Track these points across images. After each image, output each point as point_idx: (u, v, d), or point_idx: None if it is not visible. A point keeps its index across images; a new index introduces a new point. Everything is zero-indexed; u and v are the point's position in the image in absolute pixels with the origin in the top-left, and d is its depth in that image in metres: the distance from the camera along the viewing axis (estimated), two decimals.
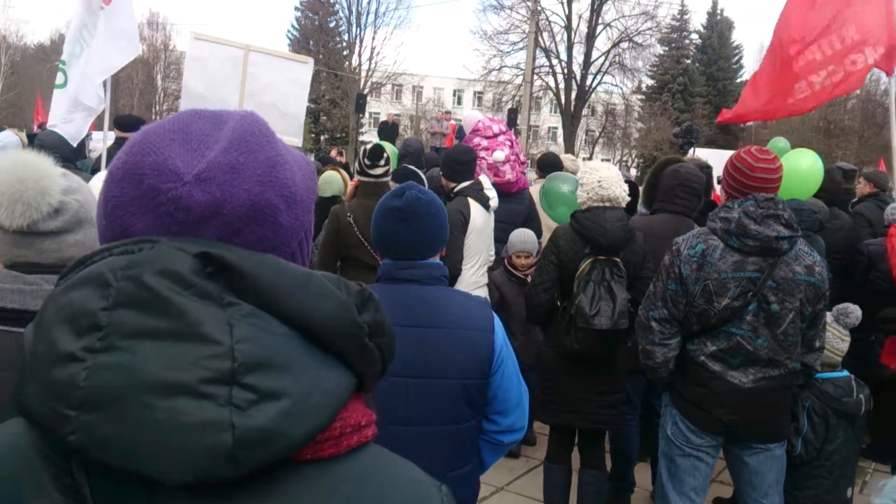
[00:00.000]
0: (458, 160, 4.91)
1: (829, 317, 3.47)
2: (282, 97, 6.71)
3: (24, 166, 1.59)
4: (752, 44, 71.78)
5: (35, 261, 1.62)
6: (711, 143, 32.37)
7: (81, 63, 6.12)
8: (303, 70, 6.93)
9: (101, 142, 6.98)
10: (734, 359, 3.00)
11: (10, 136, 5.69)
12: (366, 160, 4.47)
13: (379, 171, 4.45)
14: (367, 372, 0.78)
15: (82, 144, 7.67)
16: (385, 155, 4.54)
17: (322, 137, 39.94)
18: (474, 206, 4.66)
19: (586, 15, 40.67)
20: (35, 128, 12.08)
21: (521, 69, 35.61)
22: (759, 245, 2.91)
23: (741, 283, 2.94)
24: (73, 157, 5.69)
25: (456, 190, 4.74)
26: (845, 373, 3.58)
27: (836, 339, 3.56)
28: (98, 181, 4.74)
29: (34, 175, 1.59)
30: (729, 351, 3.00)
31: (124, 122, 7.02)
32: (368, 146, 4.63)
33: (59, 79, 6.35)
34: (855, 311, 3.65)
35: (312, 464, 0.71)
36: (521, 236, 5.08)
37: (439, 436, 2.14)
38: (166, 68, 47.42)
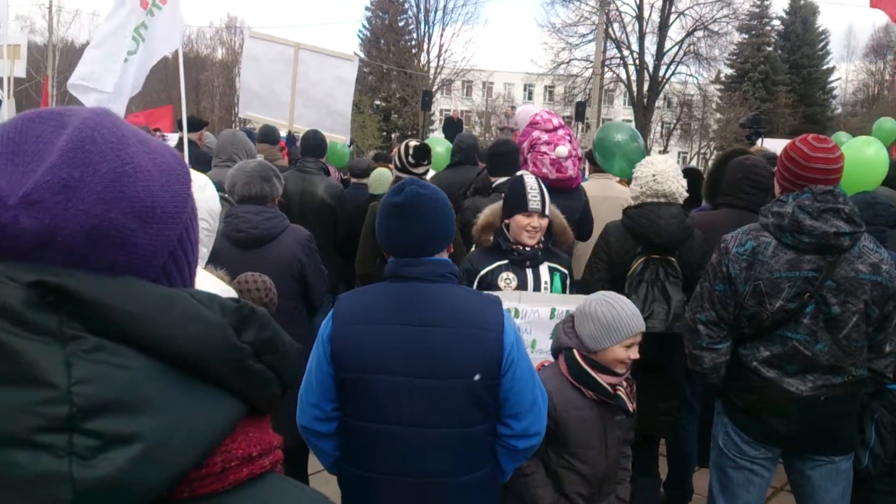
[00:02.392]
0: (497, 153, 4.77)
1: None
2: (329, 94, 6.75)
3: None
4: (839, 28, 68.51)
5: None
6: (796, 133, 31.06)
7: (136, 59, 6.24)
8: (349, 67, 6.97)
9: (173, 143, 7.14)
10: (791, 365, 2.77)
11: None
12: (411, 158, 4.40)
13: (421, 169, 4.39)
14: (259, 395, 0.72)
15: None
16: (430, 155, 4.48)
17: (393, 135, 40.24)
18: None
19: (658, 4, 39.78)
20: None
21: (591, 62, 35.03)
22: (816, 242, 2.68)
23: (796, 283, 2.71)
24: None
25: (494, 186, 4.62)
26: None
27: None
28: None
29: None
30: (784, 356, 2.78)
31: (188, 123, 7.15)
32: (413, 144, 4.56)
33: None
34: None
35: (190, 502, 0.66)
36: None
37: (449, 438, 2.08)
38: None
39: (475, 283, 3.21)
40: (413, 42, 43.75)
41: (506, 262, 3.24)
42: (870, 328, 2.78)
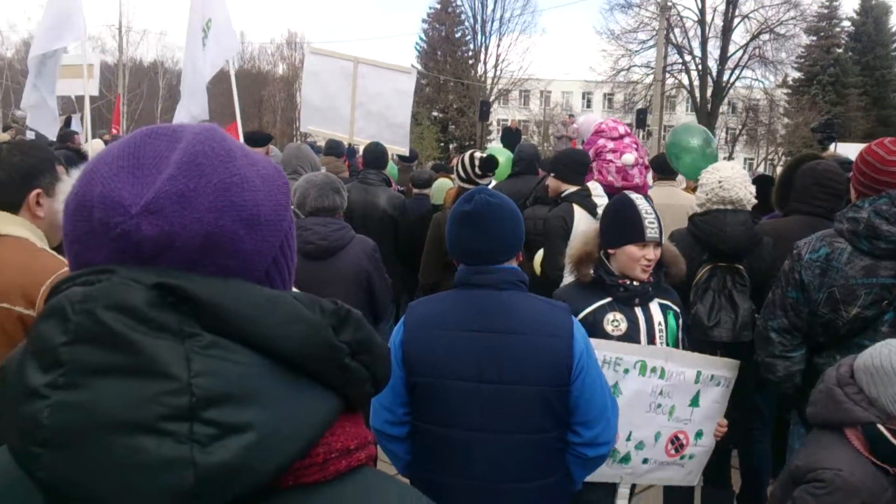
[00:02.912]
0: (575, 160, 4.74)
1: None
2: (389, 107, 6.85)
3: None
4: None
5: None
6: (870, 137, 30.10)
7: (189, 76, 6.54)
8: (407, 80, 7.07)
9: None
10: None
11: None
12: (477, 170, 4.43)
13: (486, 180, 4.41)
14: (355, 392, 0.76)
15: None
16: (496, 166, 4.50)
17: (451, 146, 40.46)
18: (579, 213, 4.50)
19: (721, 7, 39.04)
20: None
21: (652, 68, 34.59)
22: (893, 248, 2.61)
23: (873, 290, 2.64)
24: None
25: (563, 195, 4.60)
26: None
27: None
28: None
29: None
30: None
31: (254, 138, 7.36)
32: (478, 154, 4.59)
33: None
34: None
35: (295, 490, 0.70)
36: None
37: (519, 444, 2.09)
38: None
39: None
40: (470, 53, 43.95)
41: (608, 300, 2.77)
42: None
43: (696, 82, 39.69)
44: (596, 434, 2.14)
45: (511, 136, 14.92)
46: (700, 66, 39.57)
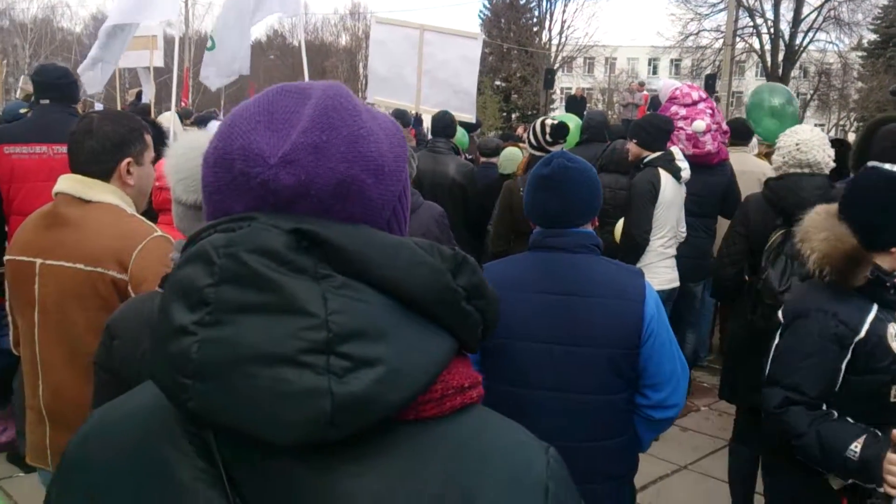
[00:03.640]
0: (659, 126, 4.73)
1: None
2: (455, 74, 6.84)
3: (200, 144, 1.71)
4: None
5: None
6: None
7: (235, 34, 6.43)
8: (473, 45, 7.03)
9: None
10: None
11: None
12: (548, 137, 4.45)
13: (557, 147, 4.44)
14: (468, 335, 0.79)
15: None
16: (567, 133, 4.51)
17: (513, 115, 40.12)
18: (665, 177, 4.50)
19: None
20: None
21: (722, 31, 33.51)
22: None
23: None
24: None
25: (646, 161, 4.59)
26: None
27: None
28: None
29: None
30: None
31: None
32: (549, 122, 4.60)
33: (209, 43, 6.76)
34: None
35: (414, 424, 0.74)
36: None
37: (588, 405, 2.13)
38: (367, 56, 49.81)
39: (850, 349, 2.21)
40: (534, 20, 43.26)
41: (873, 306, 2.26)
42: None
43: (768, 46, 38.26)
44: (664, 397, 2.17)
45: (576, 105, 14.74)
46: (772, 30, 38.12)
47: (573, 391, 2.12)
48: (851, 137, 30.97)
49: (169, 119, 6.49)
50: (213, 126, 5.72)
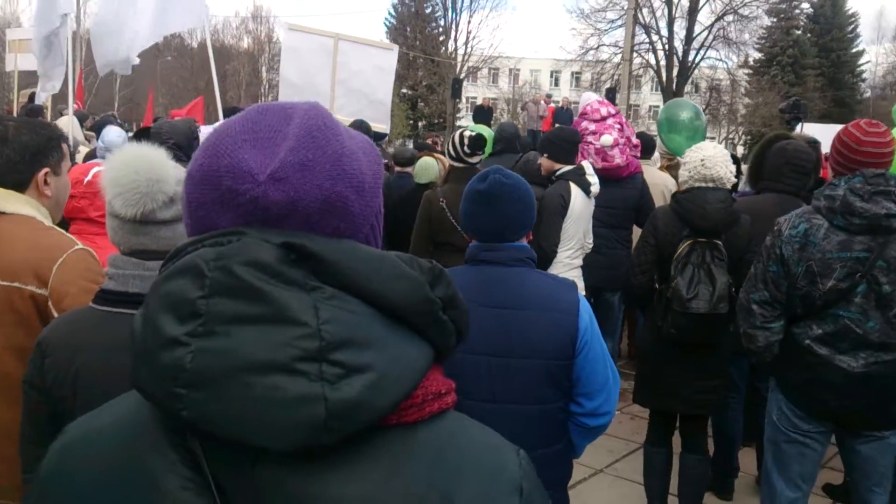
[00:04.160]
0: (567, 140, 4.85)
1: None
2: (369, 84, 6.84)
3: (138, 158, 1.69)
4: (869, 11, 67.18)
5: (152, 248, 1.71)
6: (825, 118, 30.72)
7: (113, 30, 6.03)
8: (388, 56, 7.06)
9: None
10: (842, 343, 2.87)
11: (121, 133, 5.93)
12: (466, 149, 4.52)
13: (476, 158, 4.51)
14: (443, 344, 0.83)
15: (196, 137, 7.97)
16: (485, 144, 4.59)
17: (420, 123, 40.31)
18: (575, 191, 4.63)
19: None
20: (148, 123, 12.69)
21: (620, 47, 34.77)
22: (867, 223, 2.77)
23: (848, 263, 2.81)
24: (186, 145, 5.93)
25: (558, 174, 4.72)
26: None
27: None
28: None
29: (149, 166, 1.68)
30: (836, 334, 2.87)
31: (231, 114, 7.33)
32: (468, 134, 4.67)
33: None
34: None
35: (398, 428, 0.77)
36: None
37: (524, 414, 2.17)
38: (270, 60, 48.93)
39: None
40: (440, 30, 43.68)
41: None
42: None
43: (663, 62, 40.03)
44: (597, 405, 2.24)
45: (483, 115, 14.92)
46: (667, 47, 39.92)
47: (510, 402, 2.15)
48: (739, 150, 32.69)
49: (67, 123, 6.20)
50: (111, 131, 5.41)
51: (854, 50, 45.62)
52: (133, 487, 0.76)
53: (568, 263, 4.65)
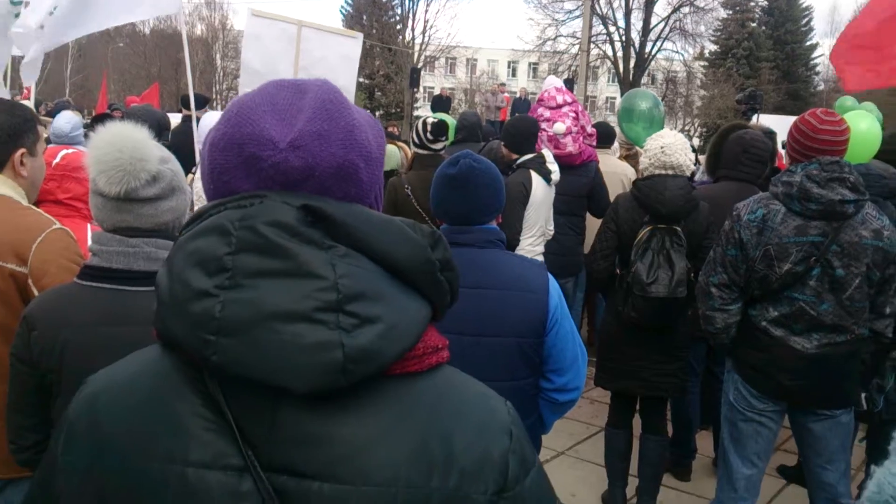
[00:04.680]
0: (523, 129, 4.90)
1: None
2: (332, 72, 6.76)
3: (122, 137, 1.71)
4: (823, 4, 68.79)
5: (135, 225, 1.75)
6: (780, 110, 31.39)
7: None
8: (352, 44, 7.01)
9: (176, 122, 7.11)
10: (797, 324, 2.97)
11: (73, 116, 5.72)
12: (429, 135, 4.53)
13: (439, 145, 4.52)
14: (440, 302, 0.91)
15: (166, 125, 7.80)
16: (447, 130, 4.60)
17: (377, 113, 40.11)
18: (536, 179, 4.68)
19: None
20: (102, 109, 12.42)
21: (578, 38, 35.02)
22: (823, 209, 2.87)
23: (803, 247, 2.90)
24: (157, 132, 5.77)
25: (518, 162, 4.76)
26: None
27: None
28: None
29: (132, 145, 1.71)
30: (791, 316, 2.97)
31: (196, 100, 7.18)
32: (430, 121, 4.68)
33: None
34: None
35: (401, 378, 0.85)
36: None
37: (498, 391, 2.20)
38: (224, 48, 48.14)
39: None
40: (397, 18, 43.45)
41: None
42: (871, 290, 2.97)
43: (620, 53, 40.42)
44: (566, 381, 2.30)
45: (441, 104, 14.98)
46: (623, 38, 40.31)
47: (483, 379, 2.18)
48: (695, 142, 33.24)
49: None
50: (66, 115, 5.20)
51: (808, 43, 46.58)
52: (158, 429, 0.83)
53: (530, 251, 4.70)
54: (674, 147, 3.71)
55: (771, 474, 4.55)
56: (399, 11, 43.42)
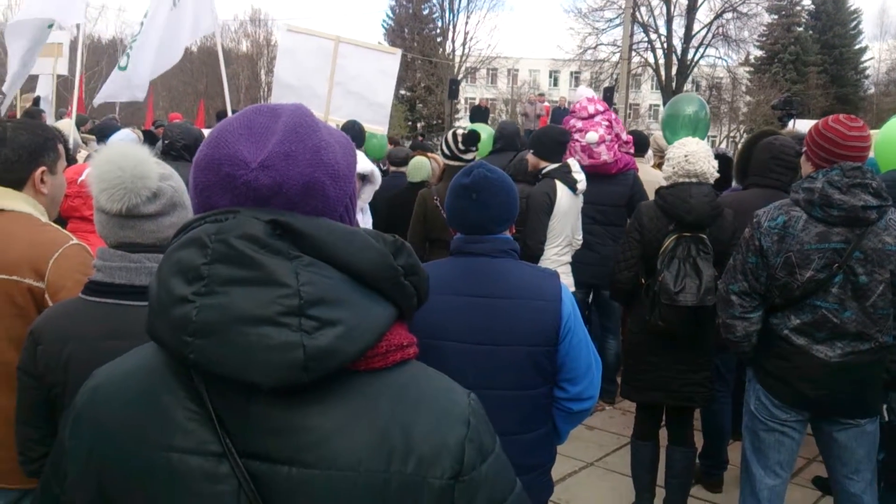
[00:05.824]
0: (554, 138, 4.91)
1: None
2: (370, 87, 6.86)
3: (122, 156, 1.77)
4: (872, 7, 67.20)
5: (137, 241, 1.81)
6: (827, 114, 30.59)
7: (138, 50, 6.27)
8: (391, 60, 7.09)
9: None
10: (820, 332, 2.93)
11: (129, 134, 6.06)
12: (460, 146, 4.57)
13: (470, 155, 4.56)
14: (405, 304, 0.99)
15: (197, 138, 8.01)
16: (479, 141, 4.63)
17: (419, 125, 40.32)
18: (561, 189, 4.69)
19: None
20: (149, 126, 12.76)
21: (618, 46, 34.82)
22: (845, 215, 2.83)
23: (825, 254, 2.86)
24: (195, 147, 6.02)
25: (544, 172, 4.78)
26: None
27: None
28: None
29: (133, 164, 1.77)
30: (814, 324, 2.93)
31: (222, 116, 7.38)
32: (461, 131, 4.71)
33: (123, 61, 6.58)
34: None
35: (366, 373, 0.94)
36: None
37: (510, 400, 2.23)
38: (269, 63, 48.96)
39: None
40: (437, 31, 43.74)
41: None
42: (895, 297, 2.91)
43: (662, 60, 40.04)
44: (580, 390, 2.30)
45: (480, 115, 14.93)
46: (665, 45, 39.93)
47: (496, 388, 2.21)
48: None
49: (68, 126, 6.27)
50: (122, 134, 5.50)
51: (857, 47, 45.57)
52: (149, 419, 0.94)
53: (556, 260, 4.71)
54: (697, 155, 3.70)
55: (806, 486, 4.47)
56: (440, 24, 43.74)
